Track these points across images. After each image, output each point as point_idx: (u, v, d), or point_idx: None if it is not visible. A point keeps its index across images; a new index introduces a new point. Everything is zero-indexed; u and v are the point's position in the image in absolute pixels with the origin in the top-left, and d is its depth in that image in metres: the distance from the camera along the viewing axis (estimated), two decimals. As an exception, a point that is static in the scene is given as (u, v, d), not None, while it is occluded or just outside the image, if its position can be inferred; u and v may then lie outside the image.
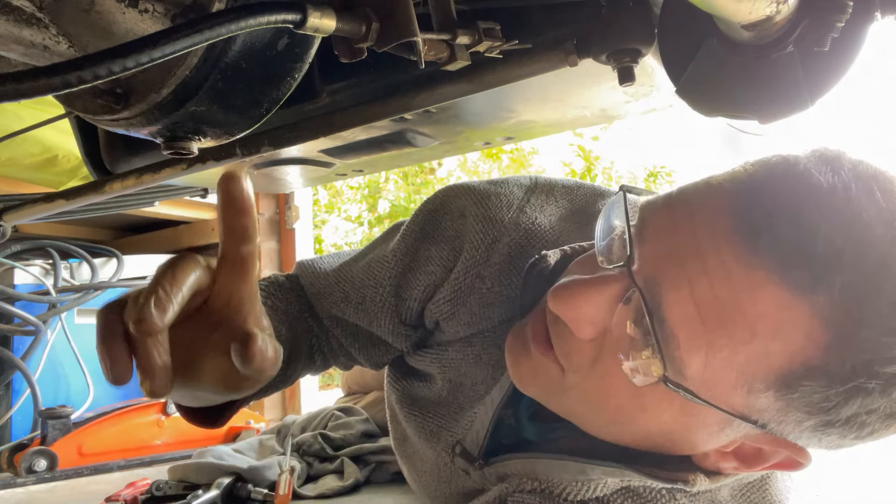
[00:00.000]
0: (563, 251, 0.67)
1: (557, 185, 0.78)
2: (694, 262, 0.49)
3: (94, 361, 2.30)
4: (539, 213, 0.74)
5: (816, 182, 0.48)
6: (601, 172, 5.51)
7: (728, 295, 0.47)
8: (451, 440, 0.77)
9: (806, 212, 0.46)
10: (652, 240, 0.52)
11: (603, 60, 0.59)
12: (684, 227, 0.51)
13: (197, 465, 1.34)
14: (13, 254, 2.21)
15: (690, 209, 0.52)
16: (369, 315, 0.78)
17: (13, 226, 1.04)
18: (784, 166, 0.51)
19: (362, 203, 5.71)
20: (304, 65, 0.54)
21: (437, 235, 0.75)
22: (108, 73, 0.35)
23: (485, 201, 0.74)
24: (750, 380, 0.49)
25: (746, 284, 0.47)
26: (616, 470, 0.59)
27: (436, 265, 0.74)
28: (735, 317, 0.47)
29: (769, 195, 0.49)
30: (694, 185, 0.55)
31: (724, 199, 0.50)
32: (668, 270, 0.50)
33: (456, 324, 0.74)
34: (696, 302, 0.48)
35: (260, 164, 0.96)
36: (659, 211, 0.54)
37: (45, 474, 1.62)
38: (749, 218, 0.48)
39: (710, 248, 0.48)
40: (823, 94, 0.53)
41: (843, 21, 0.47)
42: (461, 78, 0.67)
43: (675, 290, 0.49)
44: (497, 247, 0.71)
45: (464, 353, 0.75)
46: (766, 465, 0.57)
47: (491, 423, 0.71)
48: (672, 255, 0.50)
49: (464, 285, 0.72)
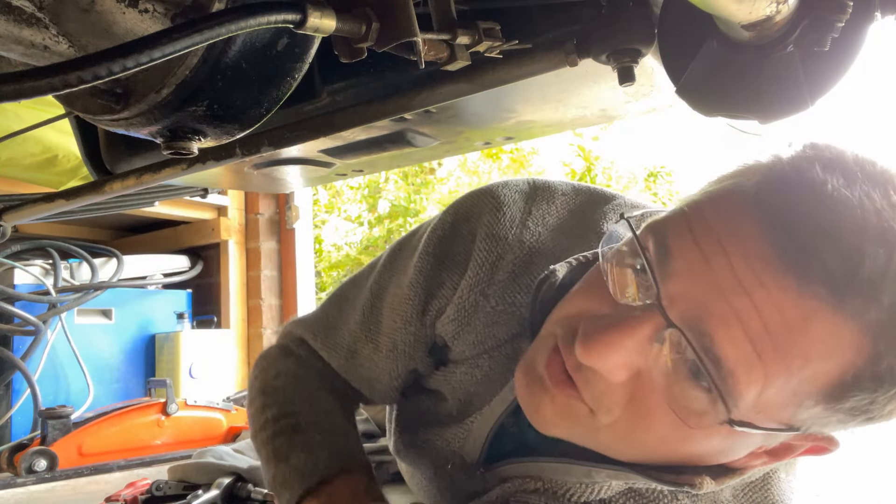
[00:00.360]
0: (569, 264, 0.66)
1: (557, 194, 0.76)
2: (739, 297, 0.47)
3: (94, 361, 2.30)
4: (541, 227, 0.73)
5: (846, 199, 0.47)
6: (601, 172, 5.50)
7: (781, 328, 0.47)
8: (448, 450, 0.77)
9: (846, 234, 0.46)
10: (683, 274, 0.50)
11: (603, 60, 0.59)
12: (717, 258, 0.49)
13: (197, 465, 1.33)
14: (13, 254, 2.21)
15: (717, 237, 0.49)
16: (405, 356, 0.77)
17: (13, 226, 1.04)
18: (804, 182, 0.49)
19: (362, 203, 5.71)
20: (304, 65, 0.54)
21: (449, 261, 0.74)
22: (108, 73, 0.35)
23: (488, 218, 0.73)
24: (802, 399, 0.49)
25: (799, 315, 0.46)
26: (622, 473, 0.59)
27: (447, 288, 0.73)
28: (790, 348, 0.47)
29: (803, 219, 0.47)
30: (708, 202, 0.53)
31: (753, 226, 0.48)
32: (712, 307, 0.48)
33: (462, 343, 0.73)
34: (751, 338, 0.47)
35: (260, 164, 0.96)
36: (681, 238, 0.51)
37: (45, 474, 1.62)
38: (791, 249, 0.47)
39: (754, 282, 0.47)
40: (823, 94, 0.53)
41: (843, 21, 0.47)
42: (461, 78, 0.67)
43: (725, 328, 0.48)
44: (501, 264, 0.71)
45: (472, 374, 0.74)
46: (794, 454, 0.57)
47: (490, 433, 0.71)
48: (712, 291, 0.48)
49: (468, 304, 0.71)
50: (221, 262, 2.81)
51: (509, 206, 0.73)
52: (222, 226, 2.78)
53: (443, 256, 0.74)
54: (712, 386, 0.48)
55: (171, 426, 1.93)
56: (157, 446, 1.89)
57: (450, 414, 0.78)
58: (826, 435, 0.55)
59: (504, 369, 0.71)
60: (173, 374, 2.36)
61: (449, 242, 0.75)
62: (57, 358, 2.19)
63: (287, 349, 0.86)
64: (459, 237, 0.74)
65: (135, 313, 2.47)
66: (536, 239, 0.71)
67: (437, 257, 0.75)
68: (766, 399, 0.49)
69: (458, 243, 0.74)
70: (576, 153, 5.35)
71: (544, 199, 0.75)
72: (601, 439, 0.57)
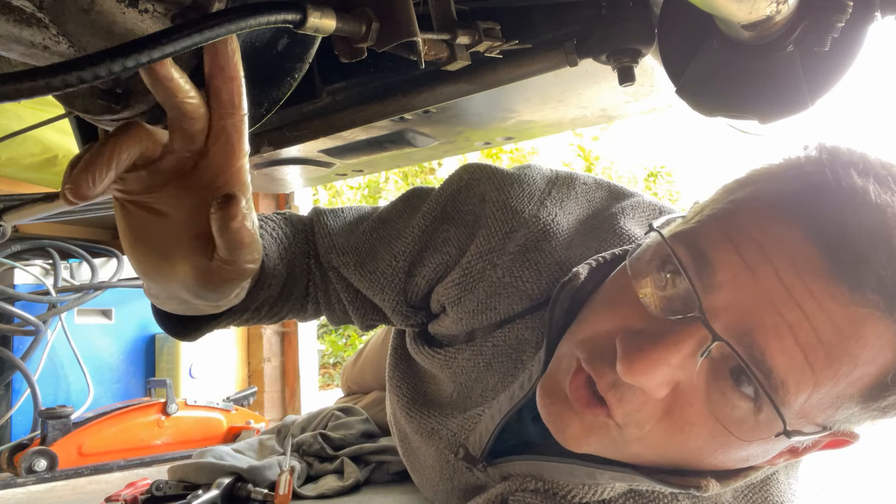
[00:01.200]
0: (589, 265, 0.65)
1: (578, 182, 0.77)
2: (790, 307, 0.47)
3: (94, 361, 2.30)
4: (559, 209, 0.73)
5: (887, 205, 0.48)
6: (601, 172, 5.50)
7: (833, 336, 0.47)
8: (454, 440, 0.77)
9: (891, 240, 0.47)
10: (728, 286, 0.49)
11: (603, 60, 0.59)
12: (763, 269, 0.48)
13: (197, 465, 1.33)
14: (13, 254, 2.21)
15: (762, 248, 0.49)
16: (375, 286, 0.77)
17: (13, 226, 1.04)
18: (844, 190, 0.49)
19: (362, 203, 5.71)
20: (304, 65, 0.54)
21: (457, 218, 0.75)
22: (108, 73, 0.35)
23: (507, 189, 0.73)
24: (843, 401, 0.50)
25: (849, 323, 0.47)
26: (626, 475, 0.59)
27: (452, 246, 0.74)
28: (841, 356, 0.47)
29: (850, 228, 0.47)
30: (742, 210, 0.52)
31: (800, 236, 0.48)
32: (761, 318, 0.48)
33: (461, 310, 0.73)
34: (802, 348, 0.47)
35: (260, 164, 0.96)
36: (722, 251, 0.51)
37: (45, 474, 1.62)
38: (840, 257, 0.47)
39: (803, 291, 0.47)
40: (823, 94, 0.53)
41: (843, 21, 0.47)
42: (461, 78, 0.67)
43: (777, 339, 0.48)
44: (513, 237, 0.71)
45: (475, 360, 0.74)
46: (815, 449, 0.58)
47: (497, 428, 0.71)
48: (760, 302, 0.48)
49: (475, 270, 0.72)
50: (221, 262, 2.80)
51: (528, 184, 0.74)
52: (222, 226, 2.77)
53: (451, 210, 0.76)
54: (763, 397, 0.48)
55: (171, 426, 1.92)
56: (157, 446, 1.89)
57: (451, 399, 0.78)
58: (850, 430, 0.55)
59: (507, 359, 0.71)
60: (173, 374, 2.36)
61: (459, 197, 0.76)
62: (57, 358, 2.19)
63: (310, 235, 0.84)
64: (470, 196, 0.75)
65: (135, 313, 2.47)
66: (552, 220, 0.71)
67: (445, 209, 0.76)
68: (811, 404, 0.49)
69: (468, 202, 0.75)
70: (576, 153, 5.35)
71: (565, 184, 0.76)
72: (631, 451, 0.57)
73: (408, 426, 0.83)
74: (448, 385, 0.78)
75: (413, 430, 0.82)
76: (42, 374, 2.10)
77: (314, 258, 0.81)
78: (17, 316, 2.02)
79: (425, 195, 0.80)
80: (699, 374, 0.51)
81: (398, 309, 0.78)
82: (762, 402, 0.48)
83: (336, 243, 0.80)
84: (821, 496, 1.18)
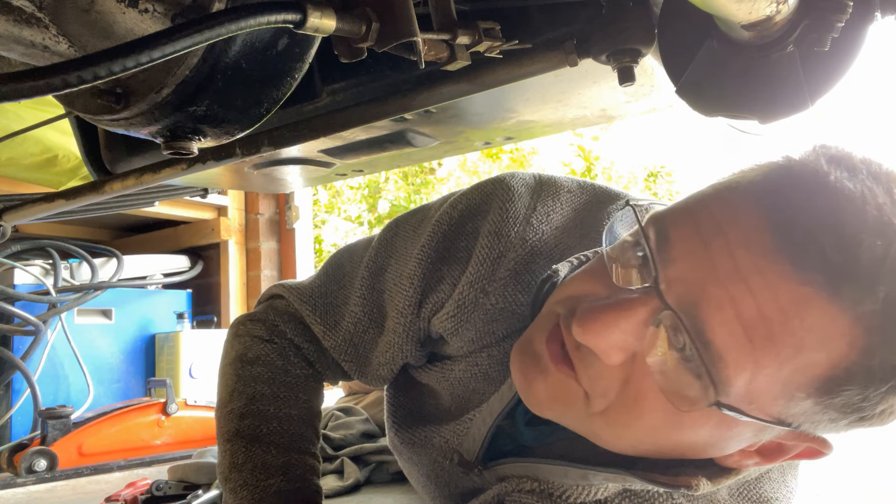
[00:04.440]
0: (570, 263, 0.66)
1: (562, 190, 0.76)
2: (735, 282, 0.48)
3: (94, 361, 2.30)
4: (545, 225, 0.72)
5: (848, 191, 0.47)
6: (601, 172, 5.51)
7: (775, 313, 0.47)
8: (447, 447, 0.76)
9: (845, 224, 0.46)
10: (681, 259, 0.50)
11: (603, 60, 0.59)
12: (716, 244, 0.49)
13: (197, 465, 1.34)
14: (13, 254, 2.21)
15: (719, 225, 0.50)
16: (394, 349, 0.77)
17: (13, 226, 1.04)
18: (808, 174, 0.50)
19: (362, 203, 5.71)
20: (304, 65, 0.54)
21: (451, 257, 0.74)
22: (108, 73, 0.35)
23: (493, 213, 0.72)
24: (792, 390, 0.49)
25: (794, 302, 0.46)
26: (619, 475, 0.59)
27: (447, 283, 0.73)
28: (783, 335, 0.47)
29: (804, 208, 0.48)
30: (713, 194, 0.54)
31: (755, 215, 0.49)
32: (707, 291, 0.49)
33: (460, 340, 0.73)
34: (743, 322, 0.47)
35: (260, 164, 0.96)
36: (683, 227, 0.52)
37: (45, 474, 1.63)
38: (791, 236, 0.47)
39: (751, 267, 0.47)
40: (823, 94, 0.53)
41: (843, 21, 0.47)
42: (461, 78, 0.67)
43: (718, 312, 0.48)
44: (503, 262, 0.70)
45: (471, 371, 0.74)
46: (786, 457, 0.57)
47: (490, 430, 0.71)
48: (709, 275, 0.49)
49: (468, 300, 0.71)
50: (221, 262, 2.81)
51: (514, 203, 0.73)
52: (222, 226, 2.78)
53: (445, 251, 0.74)
54: (702, 369, 0.48)
55: (171, 426, 1.93)
56: (157, 446, 1.89)
57: (447, 410, 0.77)
58: (818, 436, 0.54)
59: (503, 367, 0.71)
60: (173, 374, 2.36)
61: (453, 238, 0.74)
62: (57, 358, 2.19)
63: (273, 327, 0.83)
64: (464, 234, 0.74)
65: (135, 313, 2.47)
66: (539, 238, 0.71)
67: (439, 252, 0.74)
68: (756, 387, 0.49)
69: (462, 239, 0.74)
70: (576, 153, 5.36)
71: (549, 195, 0.75)
72: (593, 427, 0.58)
73: (396, 438, 0.84)
74: (446, 398, 0.78)
75: (401, 441, 0.83)
76: (42, 374, 2.10)
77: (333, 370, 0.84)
78: (17, 316, 2.02)
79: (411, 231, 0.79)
80: (655, 347, 0.51)
81: (417, 353, 0.78)
82: (706, 379, 0.49)
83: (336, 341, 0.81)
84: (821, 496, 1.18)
